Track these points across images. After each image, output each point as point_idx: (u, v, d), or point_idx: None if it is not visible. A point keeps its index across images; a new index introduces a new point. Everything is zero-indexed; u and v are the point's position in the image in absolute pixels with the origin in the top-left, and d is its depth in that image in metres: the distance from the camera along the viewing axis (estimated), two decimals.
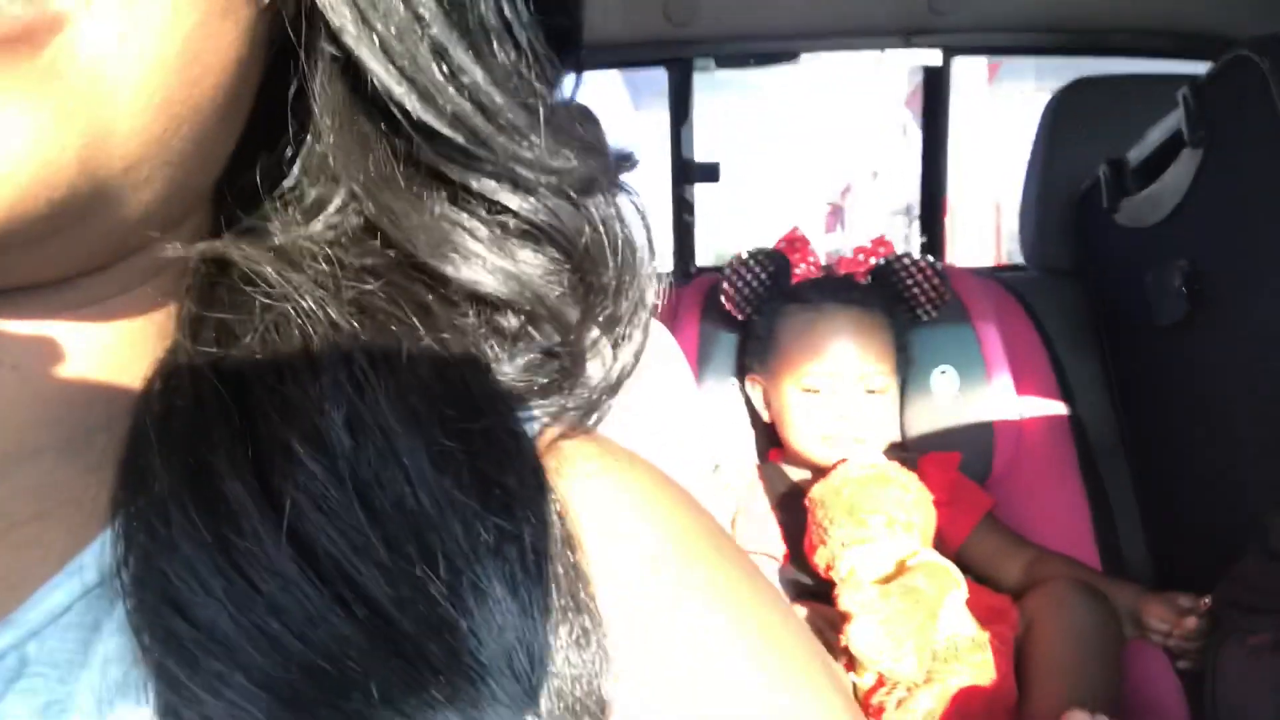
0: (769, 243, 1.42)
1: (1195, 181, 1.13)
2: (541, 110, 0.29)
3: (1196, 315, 1.18)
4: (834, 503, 1.14)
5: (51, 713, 0.22)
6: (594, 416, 0.34)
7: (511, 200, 0.29)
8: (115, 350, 0.29)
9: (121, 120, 0.22)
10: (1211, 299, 1.15)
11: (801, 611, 1.14)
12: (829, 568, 1.13)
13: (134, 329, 0.29)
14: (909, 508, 1.13)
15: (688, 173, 1.87)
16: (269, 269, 0.27)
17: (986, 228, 7.29)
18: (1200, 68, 1.15)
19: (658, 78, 1.84)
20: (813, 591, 1.20)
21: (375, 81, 0.26)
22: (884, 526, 1.11)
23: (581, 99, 0.36)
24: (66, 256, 0.26)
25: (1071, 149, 1.52)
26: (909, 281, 1.37)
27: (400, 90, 0.26)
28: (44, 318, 0.27)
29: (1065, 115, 1.52)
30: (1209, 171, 1.11)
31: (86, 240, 0.25)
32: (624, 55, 1.78)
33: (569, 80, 0.33)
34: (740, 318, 1.40)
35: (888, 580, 1.08)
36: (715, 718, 0.26)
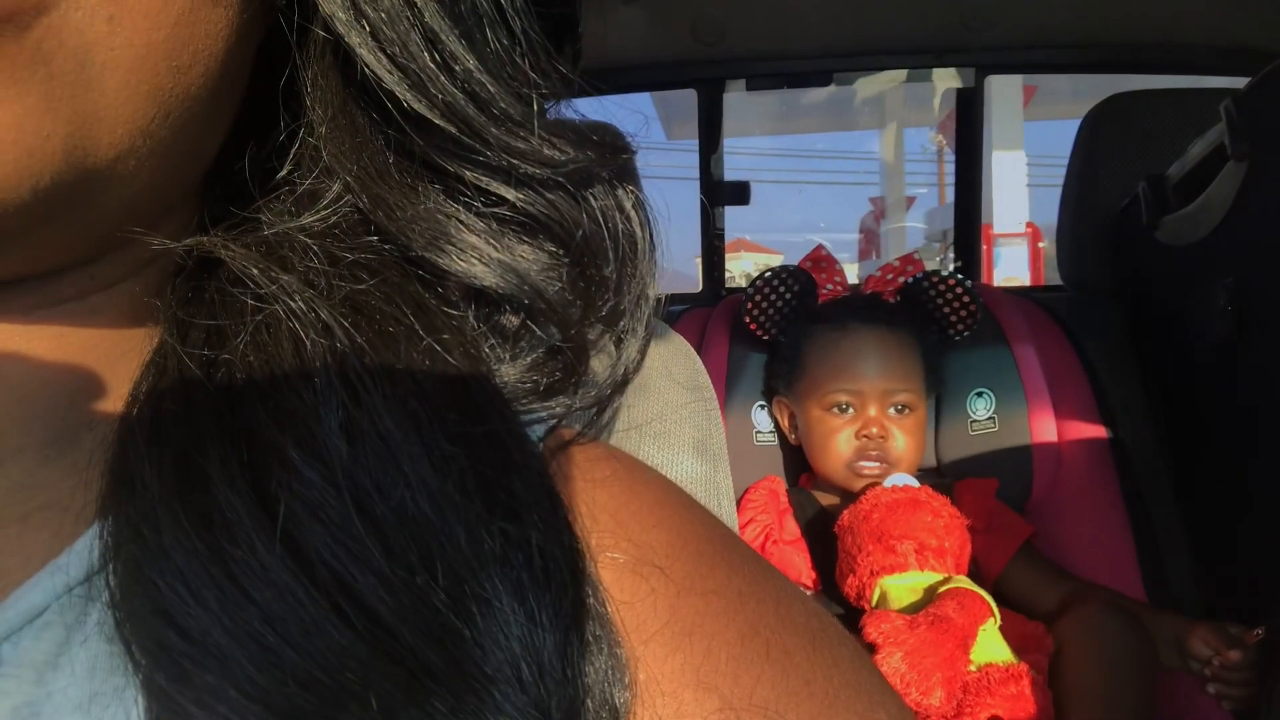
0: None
1: (1239, 196, 1.10)
2: (536, 100, 0.28)
3: (1243, 335, 1.14)
4: (862, 529, 1.11)
5: (23, 715, 0.21)
6: (604, 416, 0.33)
7: (508, 192, 0.29)
8: (98, 348, 0.28)
9: (108, 107, 0.22)
10: (1259, 317, 1.12)
11: None
12: (859, 596, 1.10)
13: (119, 326, 0.29)
14: (940, 533, 1.10)
15: (717, 194, 1.86)
16: (256, 270, 0.26)
17: (1023, 253, 7.21)
18: (1237, 83, 1.12)
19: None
20: (845, 621, 1.17)
21: (365, 70, 0.26)
22: (913, 553, 1.08)
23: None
24: (50, 249, 0.25)
25: (1109, 166, 1.49)
26: (939, 300, 1.34)
27: (391, 79, 0.26)
28: (23, 314, 0.26)
29: (1102, 131, 1.50)
30: (1254, 185, 1.08)
31: (71, 232, 0.25)
32: (652, 76, 1.79)
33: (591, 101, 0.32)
34: (765, 338, 1.38)
35: (919, 608, 1.04)
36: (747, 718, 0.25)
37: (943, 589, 1.05)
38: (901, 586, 1.07)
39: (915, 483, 1.18)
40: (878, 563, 1.08)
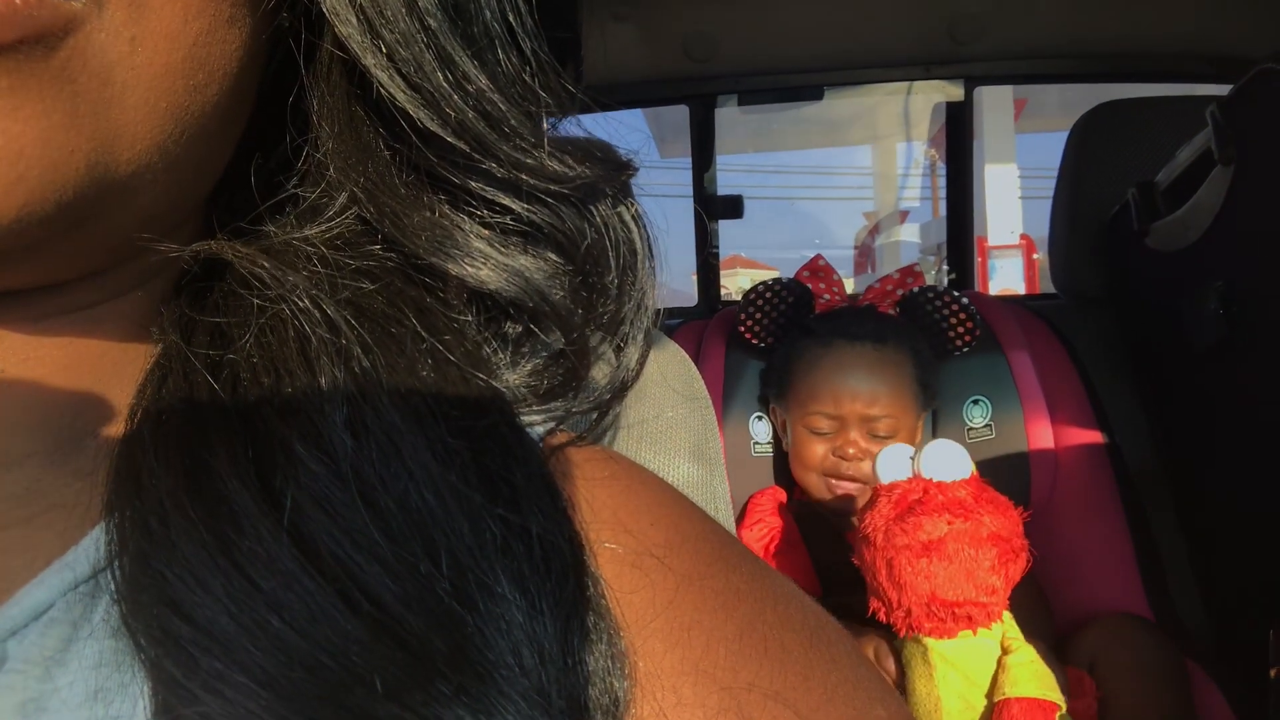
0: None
1: (1228, 200, 1.11)
2: (545, 118, 0.29)
3: (1234, 338, 1.14)
4: (905, 571, 0.91)
5: (29, 710, 0.21)
6: (604, 421, 0.33)
7: (514, 203, 0.29)
8: (105, 355, 0.29)
9: (129, 124, 0.23)
10: (1250, 320, 1.12)
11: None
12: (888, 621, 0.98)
13: (126, 334, 0.29)
14: (1003, 586, 0.92)
15: (710, 208, 1.87)
16: (264, 269, 0.27)
17: (1018, 265, 7.24)
18: (1222, 90, 1.13)
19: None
20: (846, 614, 1.12)
21: (380, 89, 0.26)
22: (968, 619, 0.92)
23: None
24: (65, 260, 0.26)
25: (1098, 173, 1.50)
26: (935, 316, 1.34)
27: (405, 97, 0.26)
28: (32, 322, 0.27)
29: (1091, 139, 1.51)
30: (1241, 189, 1.09)
31: (87, 244, 0.25)
32: (645, 93, 1.80)
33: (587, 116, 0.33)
34: (760, 344, 1.39)
35: (962, 667, 0.93)
36: (745, 713, 0.25)
37: (1002, 693, 0.90)
38: (946, 649, 0.94)
39: (967, 467, 0.97)
40: (921, 624, 0.92)
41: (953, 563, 0.90)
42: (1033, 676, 0.90)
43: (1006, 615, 0.95)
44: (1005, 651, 0.92)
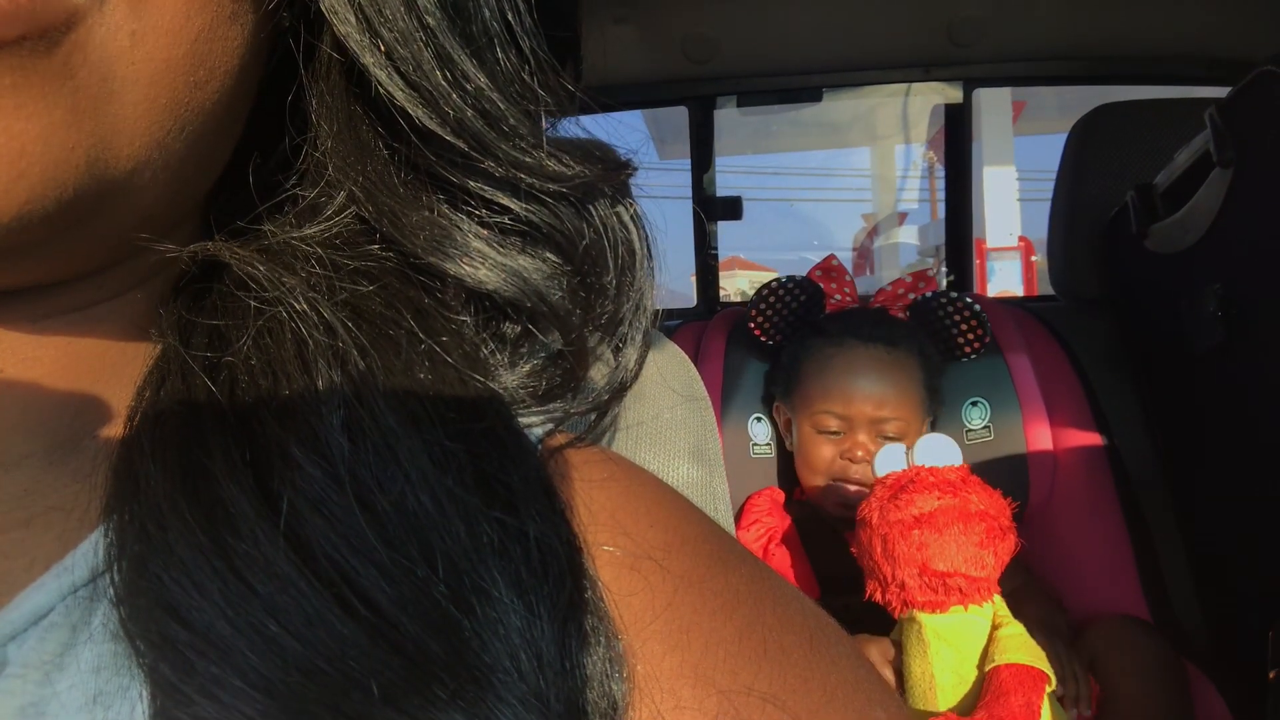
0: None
1: (1226, 202, 1.11)
2: (544, 116, 0.29)
3: (1233, 340, 1.15)
4: (898, 545, 0.97)
5: (28, 715, 0.21)
6: (603, 422, 0.33)
7: (512, 203, 0.29)
8: (104, 356, 0.28)
9: (129, 120, 0.23)
10: (1249, 323, 1.12)
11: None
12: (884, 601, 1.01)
13: (125, 335, 0.29)
14: (990, 559, 0.95)
15: (710, 210, 1.87)
16: (261, 270, 0.27)
17: (1016, 267, 7.24)
18: (1221, 94, 1.13)
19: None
20: (847, 614, 1.12)
21: (379, 88, 0.26)
22: (960, 590, 0.95)
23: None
24: (65, 258, 0.26)
25: (1097, 176, 1.50)
26: (946, 321, 1.34)
27: (403, 96, 0.26)
28: (31, 322, 0.27)
29: (1090, 142, 1.51)
30: (1240, 191, 1.09)
31: (86, 242, 0.25)
32: (645, 94, 1.80)
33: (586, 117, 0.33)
34: (769, 342, 1.39)
35: (957, 647, 0.95)
36: (743, 717, 0.25)
37: (992, 662, 0.93)
38: (939, 624, 0.97)
39: (958, 456, 1.03)
40: (914, 597, 0.97)
41: (943, 534, 0.95)
42: (1023, 646, 0.94)
43: (998, 598, 0.99)
44: (996, 627, 0.97)
